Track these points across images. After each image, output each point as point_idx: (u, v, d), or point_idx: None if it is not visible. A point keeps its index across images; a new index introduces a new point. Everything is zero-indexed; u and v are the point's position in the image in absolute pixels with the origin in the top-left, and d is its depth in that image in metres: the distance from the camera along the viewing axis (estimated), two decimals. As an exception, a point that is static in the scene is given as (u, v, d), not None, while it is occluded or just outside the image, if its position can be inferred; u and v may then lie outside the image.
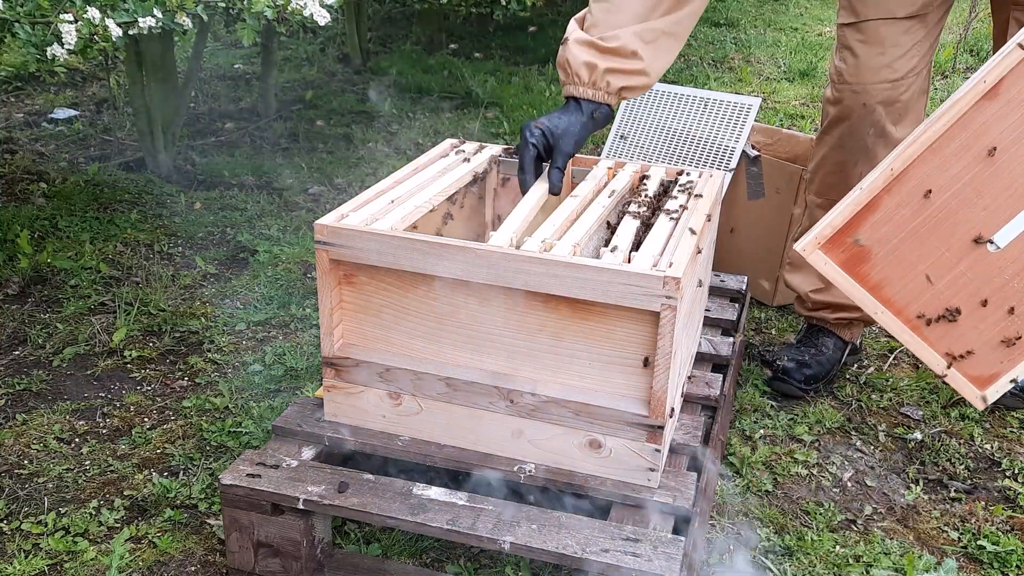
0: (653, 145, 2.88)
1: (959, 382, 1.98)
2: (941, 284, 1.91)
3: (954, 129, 1.83)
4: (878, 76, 2.09)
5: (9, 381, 2.23)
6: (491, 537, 1.46)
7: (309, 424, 1.71)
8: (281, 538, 1.58)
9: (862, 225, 1.89)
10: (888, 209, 1.88)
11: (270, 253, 2.90)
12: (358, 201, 1.67)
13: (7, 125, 4.01)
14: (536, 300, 1.51)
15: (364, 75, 4.97)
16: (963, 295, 1.92)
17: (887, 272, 1.92)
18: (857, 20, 2.09)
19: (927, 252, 1.90)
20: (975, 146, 1.83)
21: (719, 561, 1.77)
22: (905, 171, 1.86)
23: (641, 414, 1.52)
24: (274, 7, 2.29)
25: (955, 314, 1.91)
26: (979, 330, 1.93)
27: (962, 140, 1.84)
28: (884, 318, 1.93)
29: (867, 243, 1.90)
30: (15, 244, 2.76)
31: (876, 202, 1.89)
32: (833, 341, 2.34)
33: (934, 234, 1.89)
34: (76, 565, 1.69)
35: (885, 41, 2.08)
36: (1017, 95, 1.80)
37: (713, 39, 5.94)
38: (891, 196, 1.87)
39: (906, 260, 1.92)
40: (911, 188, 1.86)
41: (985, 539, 1.83)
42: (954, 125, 1.83)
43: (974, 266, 1.90)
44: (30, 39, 2.02)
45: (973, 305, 1.92)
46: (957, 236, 1.90)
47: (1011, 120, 1.81)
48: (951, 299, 1.91)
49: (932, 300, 1.93)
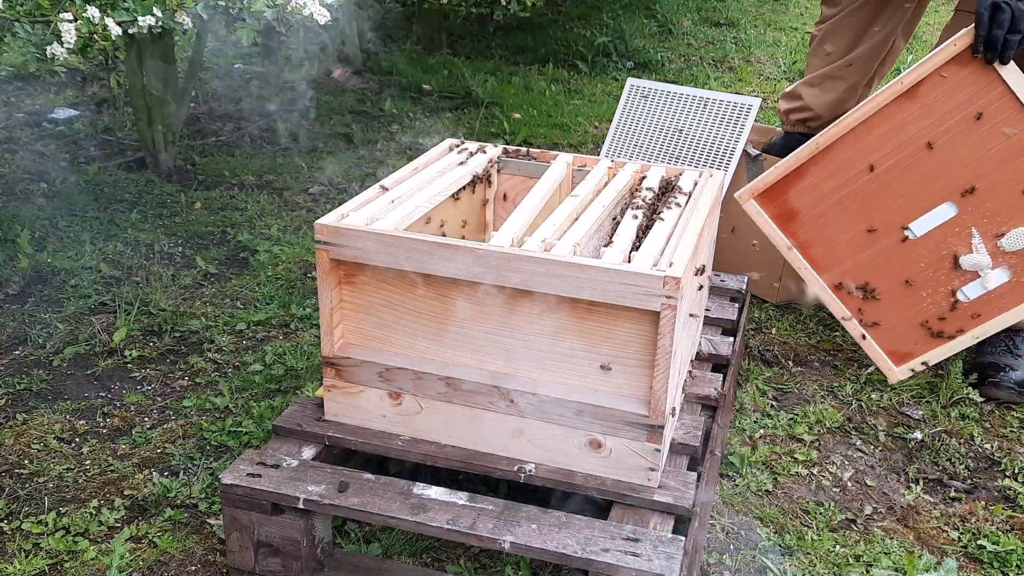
0: (653, 145, 2.88)
1: (874, 351, 2.16)
2: (861, 257, 2.10)
3: (874, 119, 2.02)
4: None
5: (9, 381, 2.23)
6: (491, 537, 1.46)
7: (309, 424, 1.71)
8: (281, 538, 1.58)
9: (792, 188, 2.12)
10: (815, 178, 2.09)
11: (270, 253, 2.90)
12: (358, 201, 1.67)
13: (7, 125, 4.01)
14: (536, 300, 1.51)
15: (364, 75, 4.97)
16: (882, 272, 2.10)
17: (813, 234, 2.12)
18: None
19: (852, 223, 2.09)
20: (895, 137, 2.02)
21: (719, 561, 1.77)
22: (830, 147, 2.06)
23: (641, 414, 1.52)
24: (274, 6, 2.29)
25: (872, 292, 2.10)
26: (898, 308, 2.11)
27: (883, 130, 2.02)
28: (807, 274, 2.15)
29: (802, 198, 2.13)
30: (15, 244, 2.76)
31: (803, 170, 2.10)
32: None
33: (858, 209, 2.08)
34: (76, 565, 1.69)
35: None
36: (935, 99, 1.99)
37: (713, 39, 5.93)
38: (818, 167, 2.08)
39: (830, 227, 2.11)
40: (838, 164, 2.07)
41: (985, 539, 1.83)
42: (874, 116, 2.02)
43: (892, 247, 2.08)
44: (30, 38, 2.02)
45: (891, 284, 2.10)
46: (878, 217, 2.07)
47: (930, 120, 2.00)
48: (871, 272, 2.10)
49: (854, 269, 2.12)
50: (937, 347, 2.13)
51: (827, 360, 2.47)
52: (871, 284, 2.10)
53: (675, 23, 6.11)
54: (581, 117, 4.34)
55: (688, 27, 6.06)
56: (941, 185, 2.02)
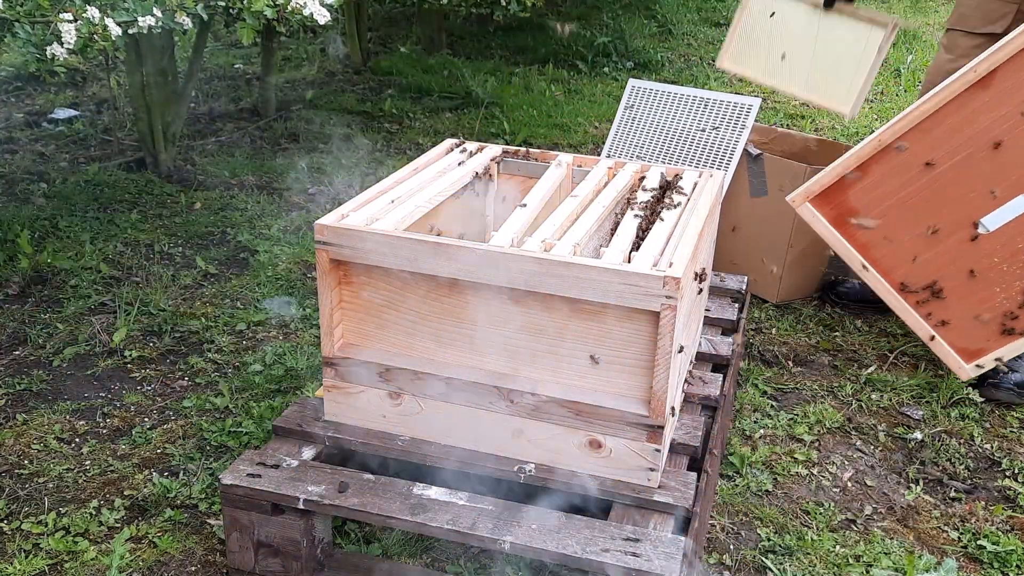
0: (653, 145, 2.88)
1: (943, 351, 2.09)
2: (928, 255, 2.02)
3: (945, 110, 1.92)
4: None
5: (9, 381, 2.23)
6: (491, 537, 1.46)
7: (309, 424, 1.71)
8: (281, 538, 1.58)
9: (851, 188, 2.03)
10: (876, 176, 2.00)
11: (270, 253, 2.90)
12: (358, 201, 1.67)
13: (7, 125, 4.01)
14: (536, 300, 1.51)
15: (364, 75, 4.97)
16: (950, 270, 2.01)
17: (874, 235, 2.05)
18: (946, 26, 2.44)
19: (915, 222, 2.01)
20: (967, 129, 1.92)
21: (719, 561, 1.77)
22: (892, 143, 1.97)
23: (641, 414, 1.52)
24: (274, 6, 2.29)
25: (939, 290, 2.02)
26: (967, 305, 2.04)
27: (953, 122, 1.93)
28: (870, 276, 2.06)
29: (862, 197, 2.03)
30: (15, 244, 2.76)
31: (864, 168, 2.00)
32: None
33: (924, 207, 1.99)
34: (76, 565, 1.69)
35: (956, 50, 2.35)
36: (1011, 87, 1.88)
37: (713, 39, 5.93)
38: (879, 165, 1.99)
39: (893, 226, 2.03)
40: (901, 159, 1.97)
41: (985, 539, 1.83)
42: (943, 108, 1.92)
43: (961, 243, 2.00)
44: (30, 39, 2.02)
45: (960, 281, 2.02)
46: (946, 213, 1.99)
47: (1003, 110, 1.90)
48: (939, 271, 2.02)
49: (919, 269, 2.04)
50: (1010, 343, 2.07)
51: (827, 360, 2.47)
52: (938, 283, 2.03)
53: (675, 23, 6.11)
54: (581, 117, 4.33)
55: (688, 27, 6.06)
56: (1019, 176, 1.92)
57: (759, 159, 2.70)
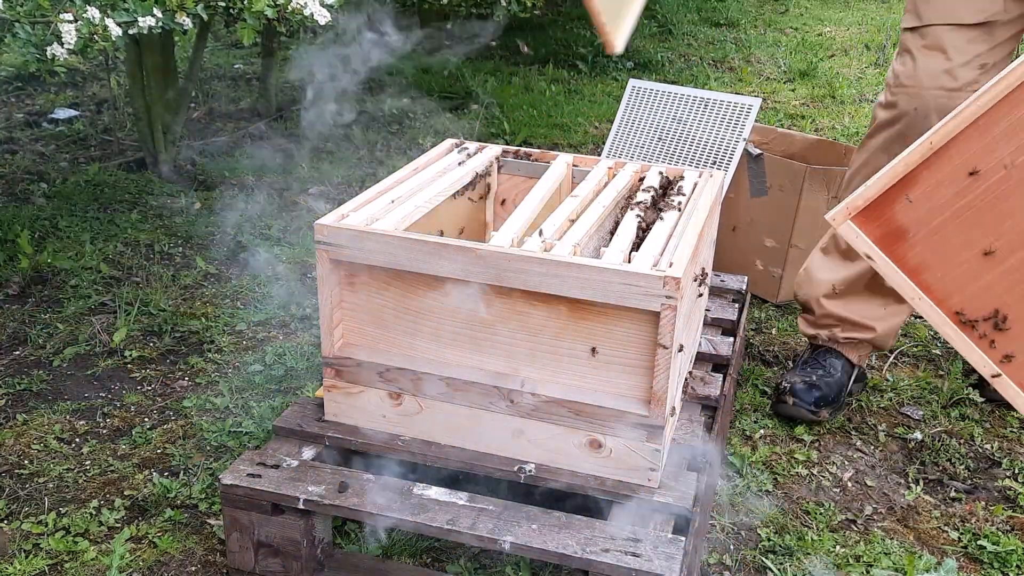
0: (653, 145, 2.88)
1: (1009, 390, 1.80)
2: (989, 277, 1.71)
3: (1003, 105, 1.64)
4: (936, 82, 1.99)
5: (9, 381, 2.23)
6: (491, 537, 1.46)
7: (309, 424, 1.71)
8: (281, 538, 1.58)
9: (898, 200, 1.71)
10: (927, 187, 1.69)
11: (270, 253, 2.90)
12: (358, 201, 1.67)
13: (7, 125, 4.01)
14: (536, 300, 1.51)
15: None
16: (1015, 292, 1.72)
17: (926, 256, 1.72)
18: (920, 24, 2.02)
19: (973, 239, 1.71)
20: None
21: (719, 561, 1.77)
22: (946, 146, 1.67)
23: (641, 414, 1.52)
24: (274, 7, 2.29)
25: (1003, 319, 1.74)
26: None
27: (1014, 118, 1.64)
28: (924, 306, 1.76)
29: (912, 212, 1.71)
30: (15, 244, 2.76)
31: (913, 177, 1.70)
32: (841, 363, 2.20)
33: (981, 220, 1.70)
34: (76, 565, 1.69)
35: (948, 48, 1.99)
36: None
37: (713, 39, 5.94)
38: (930, 172, 1.69)
39: (948, 245, 1.72)
40: (954, 166, 1.68)
41: (985, 539, 1.83)
42: (1003, 100, 1.64)
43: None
44: (30, 39, 2.02)
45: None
46: (1009, 224, 1.69)
47: None
48: (1001, 296, 1.72)
49: (979, 295, 1.74)
50: None
51: (827, 360, 2.46)
52: (1002, 310, 1.73)
53: (675, 23, 6.11)
54: (581, 117, 4.34)
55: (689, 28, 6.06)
56: None
57: (759, 159, 2.70)
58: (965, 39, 1.98)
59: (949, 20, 1.99)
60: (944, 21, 1.99)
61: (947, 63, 1.99)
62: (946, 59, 1.99)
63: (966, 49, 1.98)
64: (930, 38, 2.01)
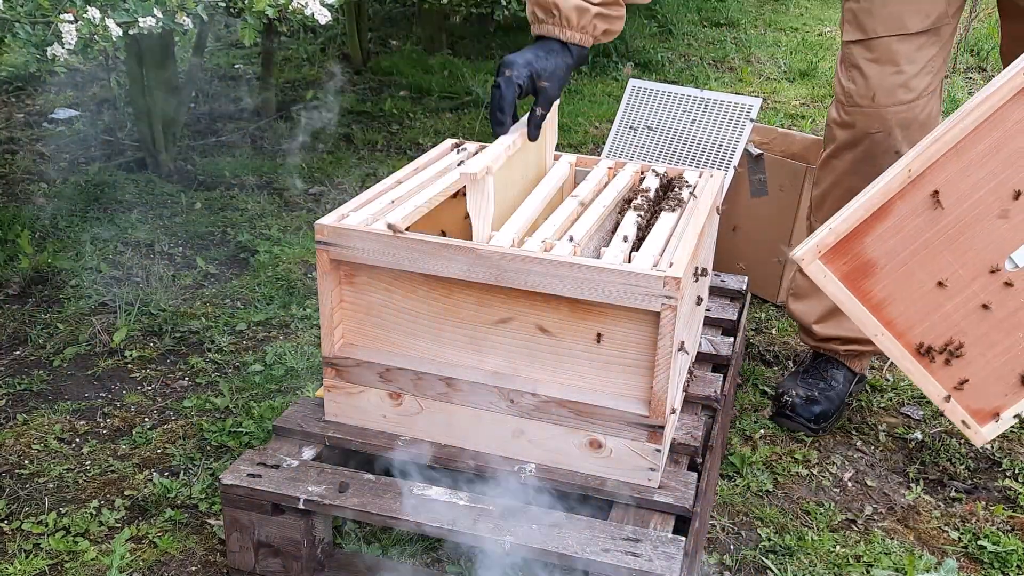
0: (653, 145, 2.88)
1: (957, 413, 1.80)
2: (950, 305, 1.69)
3: (983, 127, 1.59)
4: (893, 97, 1.93)
5: (10, 381, 2.23)
6: (491, 537, 1.46)
7: (309, 424, 1.71)
8: (281, 538, 1.58)
9: (868, 234, 1.66)
10: (900, 217, 1.65)
11: (270, 253, 2.90)
12: (358, 201, 1.67)
13: (7, 125, 4.01)
14: (536, 300, 1.51)
15: (364, 75, 4.97)
16: (970, 323, 1.70)
17: (892, 289, 1.69)
18: (866, 37, 1.94)
19: (937, 269, 1.67)
20: (1005, 148, 1.59)
21: (719, 561, 1.77)
22: (923, 174, 1.61)
23: (641, 414, 1.52)
24: (275, 6, 2.29)
25: (959, 348, 1.72)
26: (986, 359, 1.72)
27: (991, 141, 1.59)
28: (884, 341, 1.75)
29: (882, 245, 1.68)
30: (16, 244, 2.76)
31: (888, 208, 1.64)
32: (843, 373, 2.19)
33: (948, 248, 1.65)
34: (76, 565, 1.69)
35: (899, 59, 1.91)
36: None
37: (713, 39, 5.94)
38: (904, 202, 1.64)
39: (914, 277, 1.68)
40: (927, 193, 1.63)
41: (985, 539, 1.83)
42: (984, 123, 1.58)
43: (988, 286, 1.67)
44: (30, 39, 2.02)
45: (981, 333, 1.70)
46: (973, 252, 1.65)
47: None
48: (959, 323, 1.69)
49: (938, 323, 1.71)
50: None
51: (827, 360, 2.46)
52: (955, 339, 1.71)
53: (675, 23, 6.11)
54: (581, 117, 4.34)
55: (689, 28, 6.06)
56: None
57: (760, 159, 2.70)
58: (915, 47, 1.92)
59: (896, 31, 1.92)
60: (891, 32, 1.92)
61: (900, 76, 1.93)
62: (898, 71, 1.93)
63: (917, 57, 1.93)
64: (878, 51, 1.94)
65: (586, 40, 1.71)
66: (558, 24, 1.69)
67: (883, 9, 1.91)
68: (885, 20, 1.91)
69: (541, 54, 1.68)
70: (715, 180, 1.90)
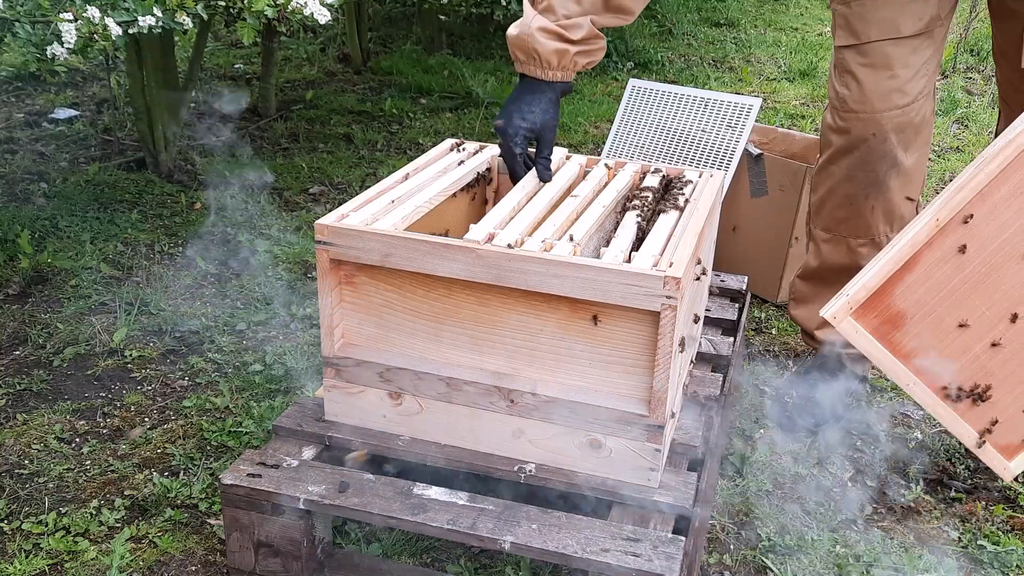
0: (653, 145, 2.88)
1: (990, 455, 1.78)
2: (977, 348, 1.67)
3: (1009, 169, 1.57)
4: (888, 102, 1.91)
5: (10, 381, 2.23)
6: (491, 537, 1.46)
7: (309, 424, 1.71)
8: (281, 538, 1.58)
9: (898, 285, 1.64)
10: (927, 266, 1.63)
11: (270, 253, 2.90)
12: (358, 201, 1.67)
13: (7, 125, 4.01)
14: (536, 300, 1.51)
15: (364, 75, 4.97)
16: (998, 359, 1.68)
17: (922, 339, 1.67)
18: (859, 42, 1.92)
19: (966, 313, 1.66)
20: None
21: (719, 561, 1.77)
22: (951, 221, 1.60)
23: (641, 414, 1.52)
24: (274, 6, 2.29)
25: (986, 389, 1.71)
26: (1015, 395, 1.71)
27: (1016, 182, 1.57)
28: (917, 391, 1.72)
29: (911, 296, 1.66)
30: (16, 244, 2.76)
31: (916, 259, 1.62)
32: (845, 375, 2.19)
33: (974, 293, 1.64)
34: (77, 565, 1.69)
35: (893, 63, 1.89)
36: None
37: (713, 39, 5.94)
38: (932, 251, 1.62)
39: (943, 324, 1.66)
40: (954, 240, 1.61)
41: (985, 539, 1.83)
42: (1010, 165, 1.57)
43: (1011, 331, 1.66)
44: (30, 39, 2.02)
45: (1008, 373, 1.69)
46: (1000, 294, 1.64)
47: None
48: (986, 366, 1.68)
49: (967, 367, 1.69)
50: None
51: (827, 360, 2.47)
52: (984, 381, 1.70)
53: (675, 23, 6.11)
54: (581, 117, 4.34)
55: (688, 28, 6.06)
56: None
57: (760, 159, 2.70)
58: (909, 51, 1.90)
59: (890, 35, 1.89)
60: (885, 36, 1.90)
61: (895, 80, 1.91)
62: (893, 76, 1.91)
63: (911, 61, 1.91)
64: (872, 55, 1.92)
65: (568, 76, 1.77)
66: (540, 67, 1.74)
67: (876, 13, 1.89)
68: (878, 24, 1.90)
69: (527, 103, 1.75)
70: (715, 180, 1.90)
